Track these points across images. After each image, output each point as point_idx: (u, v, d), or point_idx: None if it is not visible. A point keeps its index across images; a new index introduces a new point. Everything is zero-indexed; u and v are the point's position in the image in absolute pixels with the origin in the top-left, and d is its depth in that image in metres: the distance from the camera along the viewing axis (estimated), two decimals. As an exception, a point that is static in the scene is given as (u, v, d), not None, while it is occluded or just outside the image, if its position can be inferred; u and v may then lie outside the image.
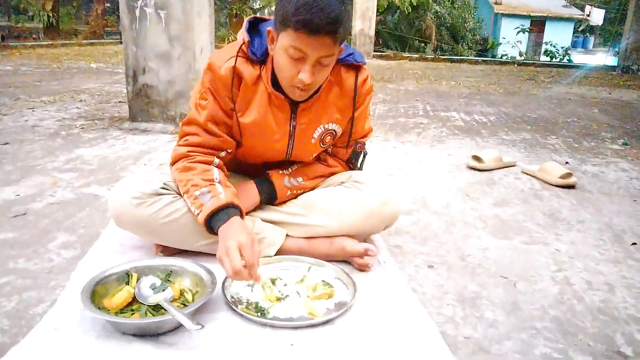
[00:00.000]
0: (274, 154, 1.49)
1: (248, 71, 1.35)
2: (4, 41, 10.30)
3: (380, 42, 15.63)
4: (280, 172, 1.53)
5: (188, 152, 1.39)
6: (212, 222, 1.29)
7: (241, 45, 1.35)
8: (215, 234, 1.29)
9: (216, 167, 1.40)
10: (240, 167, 1.58)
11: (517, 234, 1.85)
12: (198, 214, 1.31)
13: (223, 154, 1.43)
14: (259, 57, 1.34)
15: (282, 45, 1.22)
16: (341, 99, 1.45)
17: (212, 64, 1.36)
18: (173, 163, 1.43)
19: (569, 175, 2.47)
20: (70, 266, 1.45)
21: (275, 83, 1.35)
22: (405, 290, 1.37)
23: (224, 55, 1.36)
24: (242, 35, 1.37)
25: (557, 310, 1.33)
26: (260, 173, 1.55)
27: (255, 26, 1.39)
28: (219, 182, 1.34)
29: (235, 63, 1.34)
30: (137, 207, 1.36)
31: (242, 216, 1.32)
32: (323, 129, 1.46)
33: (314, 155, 1.54)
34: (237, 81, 1.35)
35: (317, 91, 1.37)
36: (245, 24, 1.38)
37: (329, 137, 1.50)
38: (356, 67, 1.44)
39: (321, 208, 1.49)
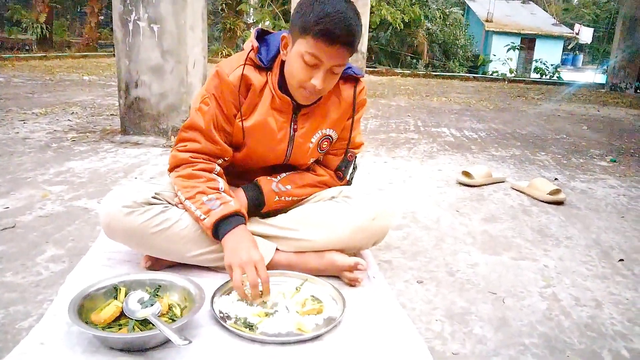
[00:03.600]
0: (275, 156, 1.52)
1: (256, 78, 1.41)
2: (-4, 53, 10.29)
3: (373, 58, 15.78)
4: (269, 178, 1.55)
5: (190, 157, 1.42)
6: (220, 228, 1.34)
7: (249, 53, 1.40)
8: (217, 238, 1.35)
9: (217, 175, 1.44)
10: (234, 179, 1.59)
11: (506, 250, 1.86)
12: (204, 219, 1.35)
13: (220, 161, 1.47)
14: (266, 65, 1.41)
15: (299, 51, 1.29)
16: (338, 108, 1.51)
17: (220, 71, 1.40)
18: (173, 168, 1.46)
19: (557, 191, 2.49)
20: (58, 280, 1.44)
21: (280, 88, 1.41)
22: (394, 305, 1.37)
23: (232, 63, 1.42)
24: (251, 42, 1.42)
25: (545, 326, 1.34)
26: (247, 180, 1.58)
27: (261, 36, 1.45)
28: (224, 192, 1.40)
29: (244, 70, 1.39)
30: (127, 216, 1.36)
31: (245, 224, 1.39)
32: (321, 134, 1.52)
33: (311, 161, 1.58)
34: (245, 88, 1.41)
35: (319, 98, 1.44)
36: (253, 33, 1.45)
37: (326, 143, 1.55)
38: (355, 79, 1.52)
39: (311, 222, 1.50)
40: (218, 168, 1.46)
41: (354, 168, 1.67)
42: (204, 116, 1.41)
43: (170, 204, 1.45)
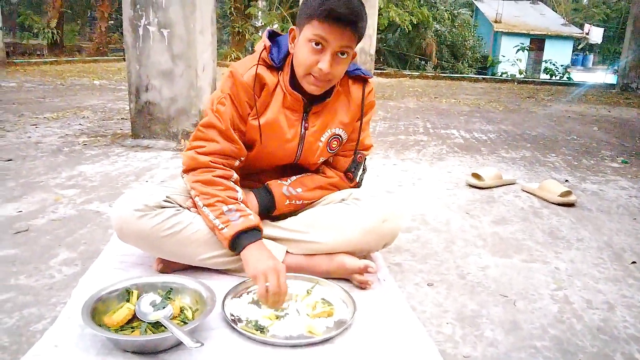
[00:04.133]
0: (285, 155, 1.53)
1: (269, 77, 1.44)
2: (8, 58, 10.39)
3: (381, 60, 15.77)
4: (279, 182, 1.56)
5: (210, 162, 1.42)
6: (239, 240, 1.35)
7: (261, 53, 1.43)
8: (234, 249, 1.37)
9: (235, 182, 1.45)
10: (245, 180, 1.60)
11: (516, 252, 1.85)
12: (222, 229, 1.35)
13: (237, 163, 1.48)
14: (277, 64, 1.43)
15: (305, 36, 1.32)
16: (348, 108, 1.53)
17: (234, 71, 1.43)
18: (189, 169, 1.45)
19: (568, 193, 2.48)
20: (71, 283, 1.46)
21: (292, 86, 1.43)
22: (404, 308, 1.37)
23: (245, 63, 1.44)
24: (263, 41, 1.45)
25: (556, 329, 1.33)
26: (258, 182, 1.59)
27: (272, 37, 1.48)
28: (243, 202, 1.42)
29: (257, 70, 1.42)
30: (139, 219, 1.38)
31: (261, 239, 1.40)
32: (330, 133, 1.53)
33: (321, 160, 1.59)
34: (259, 87, 1.43)
35: (328, 94, 1.46)
36: (265, 33, 1.48)
37: (336, 142, 1.56)
38: (363, 80, 1.54)
39: (321, 225, 1.50)
40: (235, 176, 1.46)
41: (364, 170, 1.67)
42: (221, 116, 1.42)
43: (181, 207, 1.46)
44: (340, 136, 1.56)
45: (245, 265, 1.33)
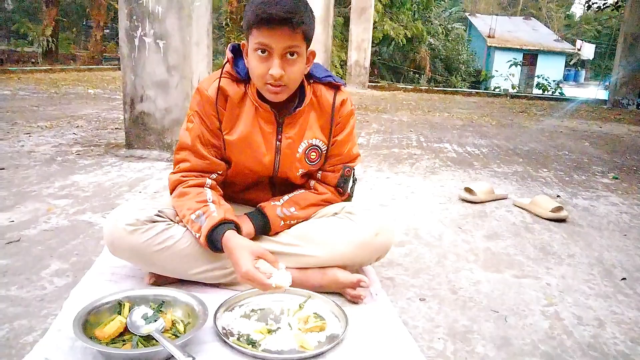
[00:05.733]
0: (262, 169, 1.53)
1: (233, 89, 1.44)
2: (2, 65, 10.39)
3: (375, 72, 15.87)
4: (272, 203, 1.55)
5: (181, 177, 1.46)
6: (214, 241, 1.35)
7: (224, 66, 1.44)
8: (218, 251, 1.36)
9: (209, 187, 1.46)
10: (233, 197, 1.60)
11: (508, 268, 1.86)
12: (199, 237, 1.37)
13: (214, 176, 1.49)
14: (244, 77, 1.44)
15: (251, 47, 1.34)
16: (322, 117, 1.53)
17: (200, 87, 1.46)
18: (171, 192, 1.49)
19: (559, 208, 2.50)
20: (62, 294, 1.45)
21: (262, 98, 1.43)
22: (396, 323, 1.38)
23: (210, 78, 1.47)
24: (227, 55, 1.46)
25: (547, 345, 1.34)
26: (249, 201, 1.59)
27: (238, 51, 1.48)
28: (212, 202, 1.40)
29: (220, 83, 1.43)
30: (131, 234, 1.38)
31: (239, 230, 1.38)
32: (307, 144, 1.52)
33: (300, 172, 1.56)
34: (223, 99, 1.44)
35: (300, 104, 1.46)
36: (229, 47, 1.48)
37: (314, 154, 1.55)
38: (335, 87, 1.53)
39: (314, 238, 1.50)
40: (210, 181, 1.48)
41: (354, 181, 1.67)
42: (190, 133, 1.45)
43: (172, 221, 1.46)
44: (319, 147, 1.54)
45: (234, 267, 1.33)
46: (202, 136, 1.45)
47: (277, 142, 1.49)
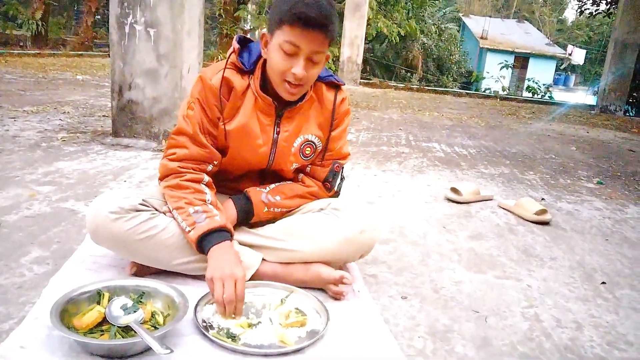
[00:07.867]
0: (257, 160, 1.53)
1: (237, 80, 1.44)
2: (-11, 47, 10.23)
3: (368, 69, 15.87)
4: (258, 189, 1.56)
5: (179, 167, 1.44)
6: (205, 242, 1.35)
7: (229, 57, 1.44)
8: (202, 252, 1.36)
9: (206, 185, 1.46)
10: (220, 186, 1.59)
11: (490, 268, 1.87)
12: (189, 231, 1.36)
13: (210, 167, 1.49)
14: (248, 68, 1.43)
15: (277, 42, 1.32)
16: (321, 114, 1.54)
17: (203, 75, 1.44)
18: (162, 178, 1.48)
19: (544, 211, 2.52)
20: (42, 282, 1.43)
21: (263, 90, 1.44)
22: (377, 321, 1.38)
23: (214, 68, 1.46)
24: (233, 45, 1.45)
25: (525, 347, 1.35)
26: (237, 192, 1.59)
27: (244, 43, 1.48)
28: (211, 204, 1.41)
29: (224, 73, 1.42)
30: (114, 222, 1.36)
31: (231, 240, 1.39)
32: (303, 139, 1.53)
33: (294, 167, 1.58)
34: (226, 90, 1.43)
35: (301, 99, 1.46)
36: (235, 38, 1.47)
37: (309, 149, 1.56)
38: (336, 87, 1.55)
39: (299, 233, 1.50)
40: (207, 178, 1.47)
41: (342, 179, 1.68)
42: (190, 120, 1.44)
43: (157, 211, 1.45)
44: (314, 143, 1.56)
45: (208, 267, 1.33)
46: (202, 124, 1.44)
47: (275, 135, 1.50)
